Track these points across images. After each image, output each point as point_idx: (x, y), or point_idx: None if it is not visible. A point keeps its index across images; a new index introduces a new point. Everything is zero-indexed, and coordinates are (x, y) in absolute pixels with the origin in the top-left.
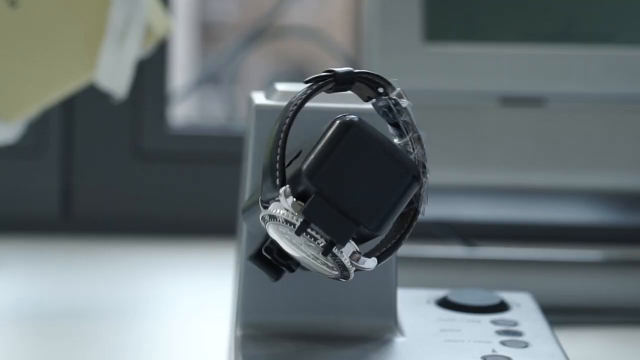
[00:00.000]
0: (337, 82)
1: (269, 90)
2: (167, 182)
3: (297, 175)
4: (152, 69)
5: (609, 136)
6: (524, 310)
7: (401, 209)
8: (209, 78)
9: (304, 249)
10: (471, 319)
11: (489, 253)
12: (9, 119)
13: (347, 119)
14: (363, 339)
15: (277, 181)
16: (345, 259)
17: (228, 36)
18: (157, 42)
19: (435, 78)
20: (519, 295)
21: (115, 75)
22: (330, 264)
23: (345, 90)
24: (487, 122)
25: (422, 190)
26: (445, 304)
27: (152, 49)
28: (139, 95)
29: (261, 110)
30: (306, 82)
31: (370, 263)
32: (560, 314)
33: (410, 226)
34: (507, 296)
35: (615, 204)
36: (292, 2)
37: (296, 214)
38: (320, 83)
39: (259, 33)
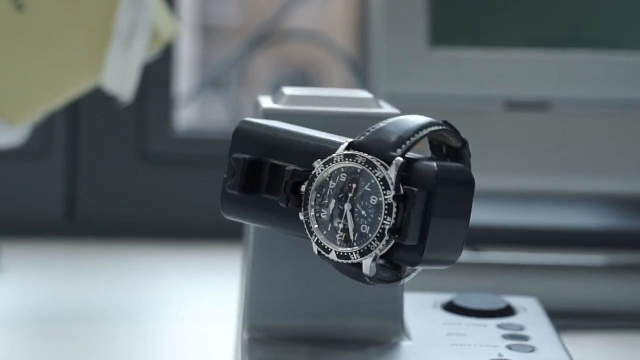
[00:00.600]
0: (462, 145)
1: (276, 95)
2: (172, 186)
3: (423, 165)
4: (157, 72)
5: (613, 141)
6: (531, 314)
7: (435, 268)
8: (213, 82)
9: (341, 205)
10: (477, 323)
11: (495, 257)
12: (14, 122)
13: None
14: (369, 343)
15: (400, 150)
16: (380, 248)
17: (229, 40)
18: (164, 45)
19: (441, 82)
20: (525, 300)
21: (121, 79)
22: (345, 236)
23: (452, 156)
24: (492, 126)
25: (414, 271)
26: (451, 308)
27: (159, 52)
28: (143, 98)
29: (268, 114)
30: (445, 123)
31: (371, 269)
32: (566, 318)
33: (388, 282)
34: (513, 300)
35: (620, 209)
36: (295, 6)
37: (394, 183)
38: (452, 131)
39: (263, 37)
